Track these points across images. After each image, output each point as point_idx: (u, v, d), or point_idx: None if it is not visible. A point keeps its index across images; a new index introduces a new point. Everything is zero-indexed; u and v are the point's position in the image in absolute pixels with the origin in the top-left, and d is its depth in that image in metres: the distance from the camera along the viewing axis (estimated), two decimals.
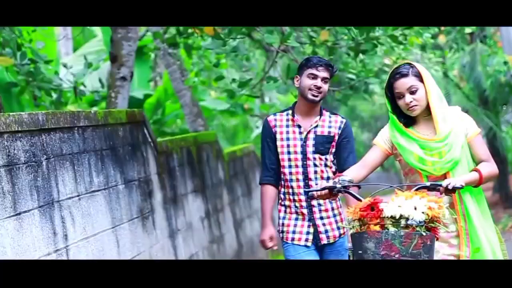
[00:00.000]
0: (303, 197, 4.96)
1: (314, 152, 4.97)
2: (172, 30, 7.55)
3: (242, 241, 9.52)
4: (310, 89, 4.90)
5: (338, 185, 4.06)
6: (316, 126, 5.00)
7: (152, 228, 6.15)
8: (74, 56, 13.24)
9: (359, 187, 4.65)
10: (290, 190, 5.01)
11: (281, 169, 5.04)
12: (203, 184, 8.12)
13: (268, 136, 5.07)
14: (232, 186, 9.59)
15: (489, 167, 4.13)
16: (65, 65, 9.46)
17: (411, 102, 4.10)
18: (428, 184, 3.94)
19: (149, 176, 6.29)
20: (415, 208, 3.62)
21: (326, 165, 5.00)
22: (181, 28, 7.15)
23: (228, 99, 11.61)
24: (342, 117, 5.09)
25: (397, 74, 4.13)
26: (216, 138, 9.23)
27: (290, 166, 5.00)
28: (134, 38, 6.66)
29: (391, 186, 3.97)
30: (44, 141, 4.49)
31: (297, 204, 5.00)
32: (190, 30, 7.12)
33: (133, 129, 6.04)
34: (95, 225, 5.03)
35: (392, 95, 4.19)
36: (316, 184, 4.92)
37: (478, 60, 13.58)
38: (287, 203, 5.05)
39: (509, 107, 14.01)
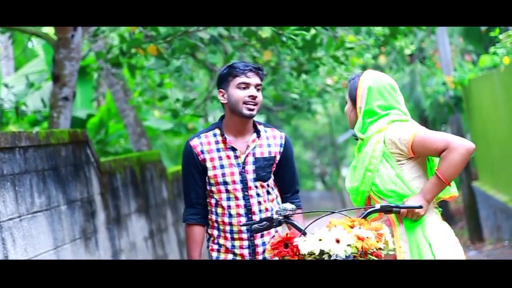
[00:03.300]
0: (245, 235, 4.09)
1: (256, 180, 4.09)
2: (115, 50, 7.54)
3: None
4: (245, 102, 4.01)
5: (276, 216, 3.48)
6: (254, 147, 4.11)
7: (95, 249, 6.11)
8: (15, 76, 13.08)
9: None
10: (228, 228, 4.10)
11: (216, 202, 4.12)
12: (147, 204, 8.09)
13: (194, 165, 4.10)
14: (176, 206, 9.58)
15: (447, 157, 3.44)
16: (6, 85, 9.36)
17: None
18: (378, 207, 3.37)
19: (92, 196, 6.26)
20: (338, 241, 3.09)
21: (268, 193, 4.15)
22: (124, 47, 7.15)
23: (171, 119, 11.62)
24: (280, 131, 4.23)
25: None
26: (160, 158, 9.22)
27: (228, 199, 4.08)
28: (76, 58, 6.64)
29: (332, 212, 3.43)
30: None
31: (235, 244, 4.10)
32: (133, 50, 7.12)
33: (76, 149, 6.00)
34: (37, 247, 4.97)
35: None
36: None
37: (417, 80, 13.89)
38: (221, 241, 4.13)
39: (448, 126, 14.32)
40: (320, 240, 3.09)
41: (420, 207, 3.36)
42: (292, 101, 11.69)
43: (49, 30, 11.04)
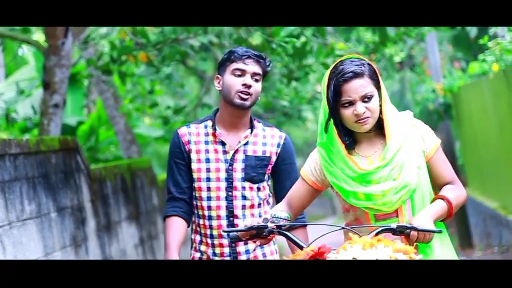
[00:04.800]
0: (225, 241, 3.69)
1: (244, 179, 3.68)
2: (106, 57, 7.55)
3: None
4: (238, 91, 3.64)
5: (271, 224, 3.04)
6: (247, 144, 3.71)
7: (85, 256, 6.11)
8: (6, 83, 13.07)
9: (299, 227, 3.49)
10: (208, 231, 3.70)
11: (197, 202, 3.74)
12: (137, 211, 8.09)
13: (179, 155, 3.75)
14: None
15: (456, 191, 3.12)
16: None
17: (364, 113, 2.99)
18: (394, 226, 2.90)
19: (82, 203, 6.26)
20: None
21: (259, 197, 3.72)
22: (114, 55, 7.17)
23: (162, 126, 11.64)
24: (281, 131, 3.81)
25: (348, 72, 2.99)
26: (150, 165, 9.23)
27: (209, 198, 3.69)
28: (66, 65, 6.65)
29: (343, 228, 3.03)
30: None
31: (216, 251, 3.71)
32: (123, 57, 7.13)
33: (66, 156, 6.00)
34: (27, 254, 4.97)
35: (335, 102, 3.03)
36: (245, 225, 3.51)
37: (407, 87, 13.96)
38: (203, 248, 3.75)
39: (437, 133, 14.40)
40: (354, 258, 2.72)
41: (440, 231, 2.89)
42: (283, 108, 11.73)
43: (40, 37, 11.05)
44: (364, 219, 3.07)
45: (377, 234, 2.88)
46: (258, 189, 3.72)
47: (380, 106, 3.04)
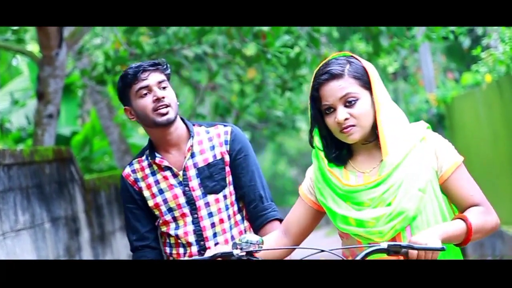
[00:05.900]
0: None
1: (205, 194, 3.29)
2: (100, 67, 7.57)
3: None
4: (153, 108, 3.23)
5: (237, 252, 2.55)
6: (194, 156, 3.30)
7: None
8: (0, 94, 13.07)
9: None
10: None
11: (168, 234, 3.36)
12: None
13: (129, 199, 3.38)
14: None
15: (484, 216, 2.55)
16: None
17: (346, 120, 2.52)
18: (385, 246, 2.43)
19: (76, 213, 6.25)
20: None
21: (227, 206, 3.33)
22: (108, 65, 7.18)
23: None
24: (225, 125, 3.40)
25: (324, 73, 2.56)
26: None
27: (177, 228, 3.31)
28: (61, 75, 6.65)
29: (322, 251, 2.52)
30: None
31: None
32: (118, 68, 7.15)
33: (60, 166, 6.00)
34: None
35: (317, 109, 2.60)
36: (217, 244, 3.25)
37: (401, 98, 14.00)
38: None
39: None
40: None
41: (443, 249, 2.38)
42: (276, 118, 11.77)
43: (34, 48, 11.06)
44: (357, 249, 2.61)
45: (365, 256, 2.45)
46: (225, 197, 3.32)
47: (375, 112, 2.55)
